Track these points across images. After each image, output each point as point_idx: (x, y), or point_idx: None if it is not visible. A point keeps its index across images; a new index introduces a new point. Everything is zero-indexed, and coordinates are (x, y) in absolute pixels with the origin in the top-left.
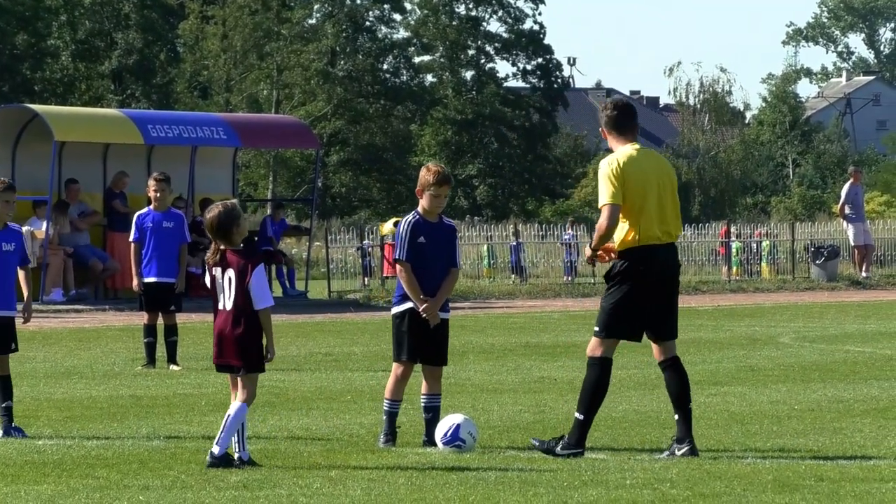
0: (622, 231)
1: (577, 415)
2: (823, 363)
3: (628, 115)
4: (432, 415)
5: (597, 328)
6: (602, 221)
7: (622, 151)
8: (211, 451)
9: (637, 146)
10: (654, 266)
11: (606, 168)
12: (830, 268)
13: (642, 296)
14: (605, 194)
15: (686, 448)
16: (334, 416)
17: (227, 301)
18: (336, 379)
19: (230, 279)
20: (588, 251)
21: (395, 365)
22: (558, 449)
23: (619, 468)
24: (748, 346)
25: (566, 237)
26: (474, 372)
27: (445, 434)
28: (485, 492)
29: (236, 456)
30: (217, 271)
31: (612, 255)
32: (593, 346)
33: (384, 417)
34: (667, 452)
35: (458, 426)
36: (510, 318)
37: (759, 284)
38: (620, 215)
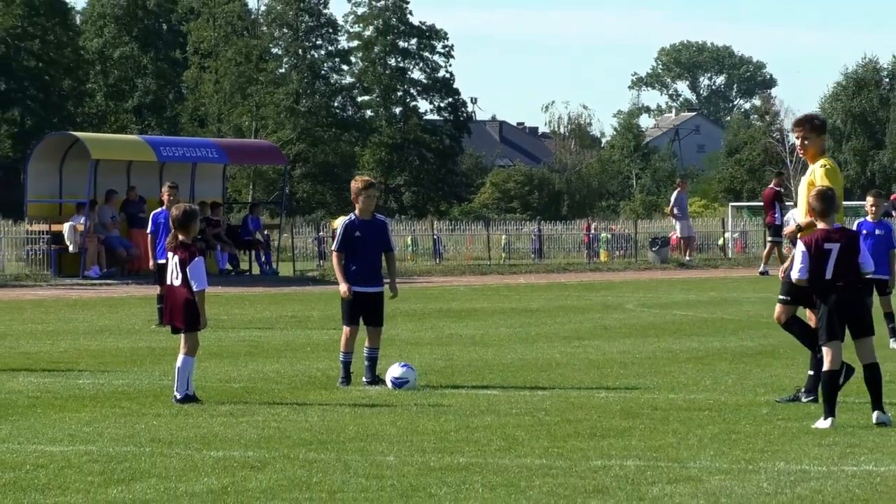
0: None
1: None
2: (657, 323)
3: (826, 126)
4: (371, 362)
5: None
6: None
7: (830, 160)
8: (174, 396)
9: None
10: None
11: (828, 167)
12: (663, 253)
13: None
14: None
15: (812, 397)
16: (298, 363)
17: (174, 279)
18: (299, 335)
19: (176, 263)
20: (792, 227)
21: (344, 328)
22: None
23: (508, 401)
24: (602, 310)
25: (535, 229)
26: (401, 330)
27: (399, 377)
28: (408, 418)
29: (189, 393)
30: (170, 255)
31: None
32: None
33: (341, 366)
34: (789, 397)
35: (408, 382)
36: (428, 290)
37: (610, 265)
38: None
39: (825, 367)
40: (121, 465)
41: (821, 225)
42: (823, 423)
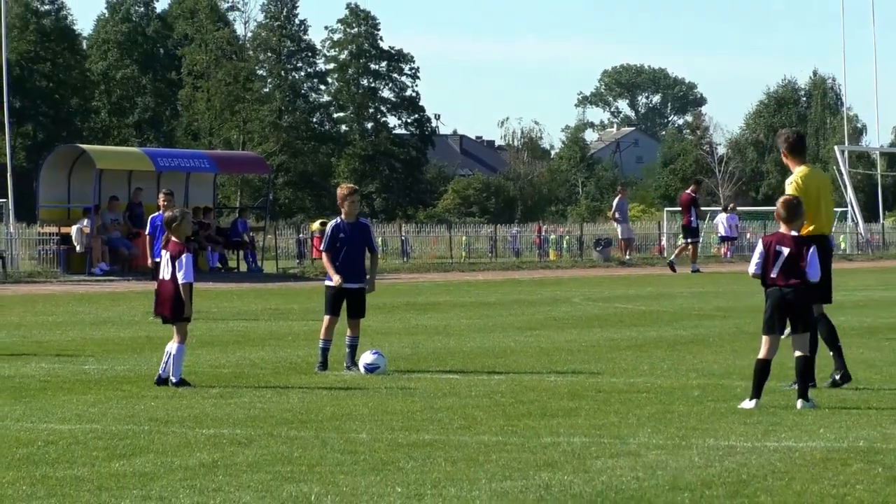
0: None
1: (831, 353)
2: (601, 315)
3: (802, 142)
4: (352, 349)
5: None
6: None
7: (801, 170)
8: (170, 380)
9: (809, 165)
10: (825, 247)
11: (794, 183)
12: (605, 253)
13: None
14: None
15: (841, 373)
16: (280, 350)
17: (165, 274)
18: (281, 325)
19: (168, 260)
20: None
21: (325, 317)
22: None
23: (468, 385)
24: (552, 303)
25: (513, 231)
26: (372, 321)
27: (371, 363)
28: (379, 399)
29: (180, 378)
30: (163, 252)
31: None
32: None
33: (320, 352)
34: (829, 381)
35: (379, 367)
36: (396, 286)
37: (559, 263)
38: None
39: (760, 355)
40: (122, 442)
41: (782, 229)
42: (748, 404)
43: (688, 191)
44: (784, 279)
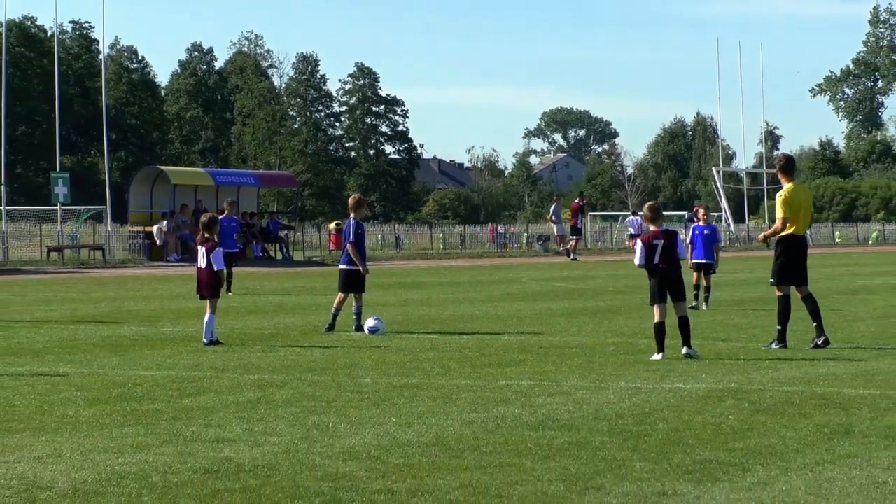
0: (788, 228)
1: (778, 327)
2: (544, 291)
3: (792, 162)
4: (357, 316)
5: (773, 280)
6: (779, 225)
7: (789, 186)
8: (202, 341)
9: (796, 182)
10: (799, 244)
11: (783, 196)
12: (545, 246)
13: (794, 259)
14: (782, 211)
15: (822, 339)
16: (307, 317)
17: (202, 263)
18: (308, 299)
19: (203, 253)
20: (762, 236)
21: (339, 294)
22: (774, 345)
23: (444, 343)
24: (505, 283)
25: (501, 229)
26: (373, 296)
27: (373, 326)
28: (378, 354)
29: (213, 339)
30: (200, 247)
31: (769, 239)
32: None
33: (331, 317)
34: (813, 344)
35: (378, 329)
36: (391, 270)
37: (511, 254)
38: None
39: (654, 319)
40: (191, 384)
41: (651, 227)
42: (656, 356)
43: (576, 201)
44: (664, 263)
